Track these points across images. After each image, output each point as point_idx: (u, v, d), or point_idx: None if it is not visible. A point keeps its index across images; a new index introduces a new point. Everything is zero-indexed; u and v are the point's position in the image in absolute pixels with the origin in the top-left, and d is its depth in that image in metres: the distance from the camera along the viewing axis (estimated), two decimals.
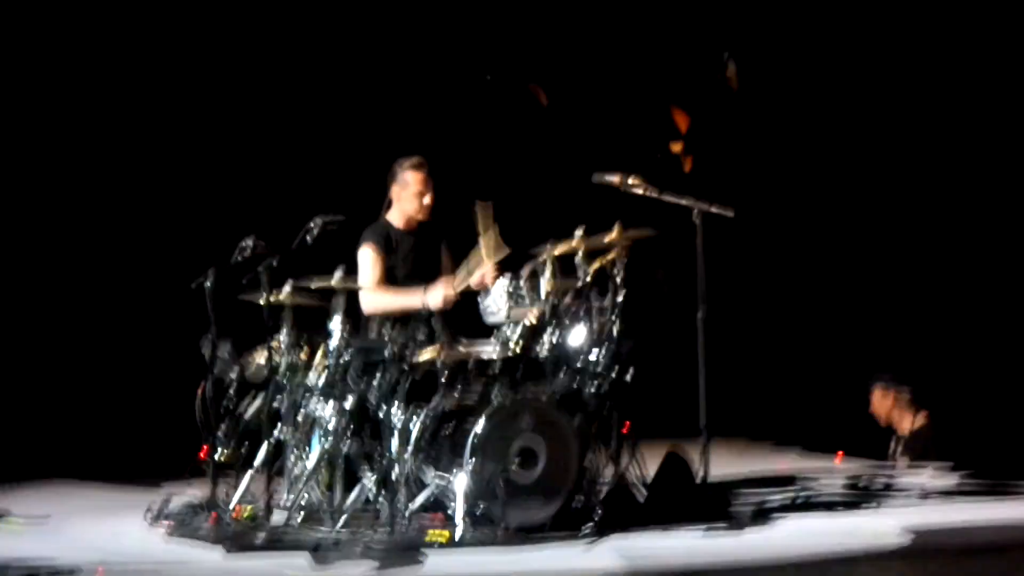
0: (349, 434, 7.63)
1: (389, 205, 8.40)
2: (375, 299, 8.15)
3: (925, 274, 11.43)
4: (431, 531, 7.24)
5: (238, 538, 7.18)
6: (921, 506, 8.04)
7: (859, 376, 10.63)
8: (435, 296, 8.06)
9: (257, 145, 11.15)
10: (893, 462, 9.85)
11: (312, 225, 7.66)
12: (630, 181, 8.02)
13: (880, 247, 11.56)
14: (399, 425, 7.49)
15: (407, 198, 8.32)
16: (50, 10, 10.90)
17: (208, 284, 7.50)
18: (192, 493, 7.87)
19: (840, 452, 10.05)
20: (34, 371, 10.78)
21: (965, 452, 9.54)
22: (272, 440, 7.59)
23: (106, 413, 10.73)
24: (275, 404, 7.66)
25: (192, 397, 7.69)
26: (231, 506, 7.66)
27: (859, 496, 8.34)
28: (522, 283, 7.83)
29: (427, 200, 8.31)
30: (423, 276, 8.21)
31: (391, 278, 8.25)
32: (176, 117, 11.10)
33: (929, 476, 8.92)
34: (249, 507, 7.69)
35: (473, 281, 8.09)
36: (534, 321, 7.81)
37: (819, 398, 11.20)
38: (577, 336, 7.81)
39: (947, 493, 8.38)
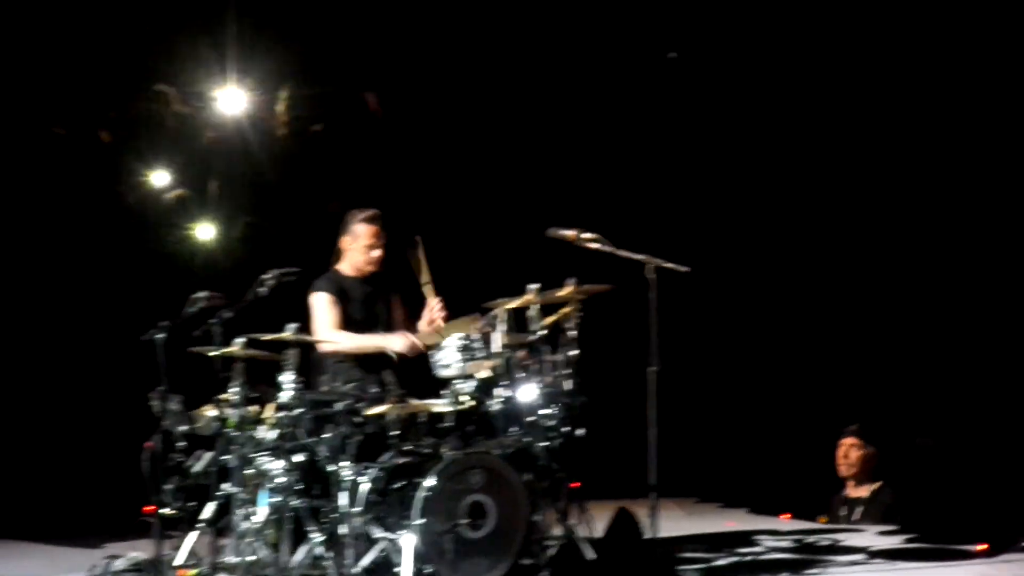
0: (298, 490, 7.56)
1: (338, 256, 8.39)
2: (337, 337, 8.12)
3: (874, 337, 11.47)
4: None
5: None
6: (866, 568, 8.03)
7: (808, 438, 10.64)
8: (397, 341, 8.06)
9: (211, 198, 11.11)
10: (849, 525, 9.80)
11: (266, 278, 7.60)
12: (584, 236, 8.03)
13: (831, 313, 11.60)
14: (348, 481, 7.43)
15: (357, 249, 8.34)
16: None
17: (159, 337, 7.40)
18: (136, 553, 7.72)
19: (787, 514, 10.05)
20: None
21: (918, 518, 9.56)
22: (220, 496, 7.48)
23: (47, 470, 10.56)
24: (224, 459, 7.57)
25: (137, 452, 7.57)
26: (176, 565, 7.53)
27: (806, 557, 8.33)
28: (475, 337, 7.81)
29: (375, 253, 8.33)
30: (378, 323, 8.24)
31: (346, 325, 8.23)
32: (126, 169, 11.04)
33: (873, 537, 8.93)
34: (194, 568, 7.58)
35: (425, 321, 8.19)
36: (487, 375, 7.79)
37: (768, 459, 11.20)
38: (529, 391, 7.80)
39: (892, 555, 8.39)
